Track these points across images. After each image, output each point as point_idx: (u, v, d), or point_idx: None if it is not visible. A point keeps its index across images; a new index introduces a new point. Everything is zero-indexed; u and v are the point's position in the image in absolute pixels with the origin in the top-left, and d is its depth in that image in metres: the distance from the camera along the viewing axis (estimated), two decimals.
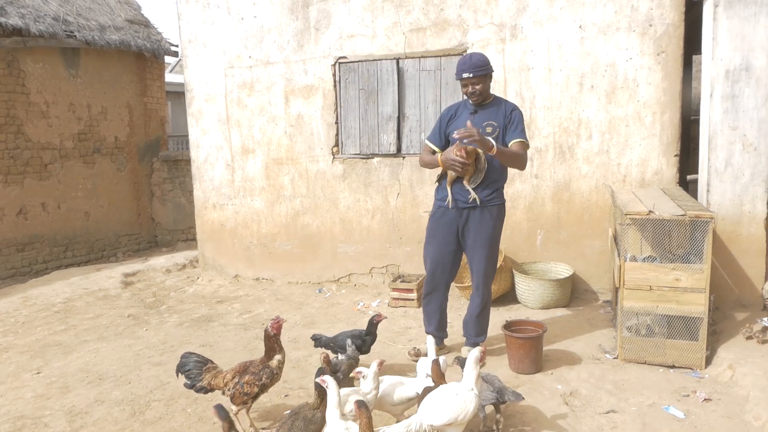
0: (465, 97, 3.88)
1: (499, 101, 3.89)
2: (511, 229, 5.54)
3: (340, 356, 3.58)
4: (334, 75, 5.93)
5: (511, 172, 5.40)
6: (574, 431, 3.06)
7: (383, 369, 2.98)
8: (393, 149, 5.87)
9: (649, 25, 4.92)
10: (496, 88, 5.40)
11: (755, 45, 4.47)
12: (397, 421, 2.85)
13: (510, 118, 3.77)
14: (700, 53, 4.90)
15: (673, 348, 3.77)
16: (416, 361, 3.90)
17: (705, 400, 3.33)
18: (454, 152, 3.62)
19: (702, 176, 4.83)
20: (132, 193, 9.28)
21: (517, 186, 5.47)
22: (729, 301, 4.68)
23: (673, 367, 3.77)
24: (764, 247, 4.63)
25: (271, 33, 6.08)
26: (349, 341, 3.65)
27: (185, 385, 3.09)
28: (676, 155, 5.02)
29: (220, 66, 6.33)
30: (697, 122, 5.23)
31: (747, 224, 4.64)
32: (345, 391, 2.92)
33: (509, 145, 3.74)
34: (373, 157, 5.90)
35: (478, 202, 3.76)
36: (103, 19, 8.62)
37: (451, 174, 3.77)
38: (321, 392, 2.67)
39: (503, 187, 3.93)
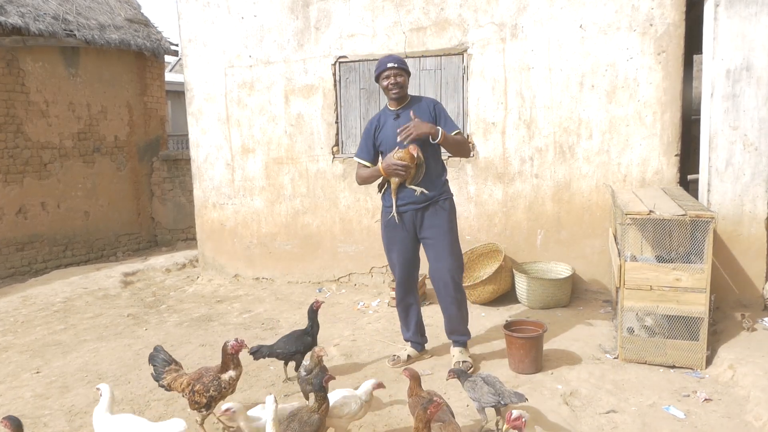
0: (386, 103, 3.88)
1: (417, 99, 3.85)
2: (511, 229, 5.53)
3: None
4: (335, 74, 5.92)
5: (510, 171, 5.44)
6: (574, 431, 3.06)
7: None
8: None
9: (649, 24, 4.91)
10: (496, 88, 5.40)
11: (756, 44, 4.46)
12: None
13: (436, 113, 3.75)
14: (701, 53, 4.89)
15: (674, 348, 3.76)
16: (399, 367, 3.81)
17: (705, 400, 3.32)
18: (394, 157, 3.58)
19: (702, 176, 4.83)
20: (132, 192, 9.28)
21: (517, 186, 5.47)
22: (729, 301, 4.67)
23: (673, 367, 3.76)
24: (765, 247, 4.63)
25: (272, 32, 6.07)
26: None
27: (152, 375, 3.20)
28: (676, 155, 5.01)
29: (220, 65, 6.32)
30: (697, 122, 5.22)
31: (748, 224, 4.64)
32: (339, 392, 2.91)
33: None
34: None
35: (427, 192, 3.68)
36: (102, 18, 8.61)
37: (394, 181, 3.69)
38: (320, 397, 2.67)
39: (447, 182, 3.87)
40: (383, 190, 3.86)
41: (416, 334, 4.05)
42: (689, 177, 6.77)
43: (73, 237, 8.34)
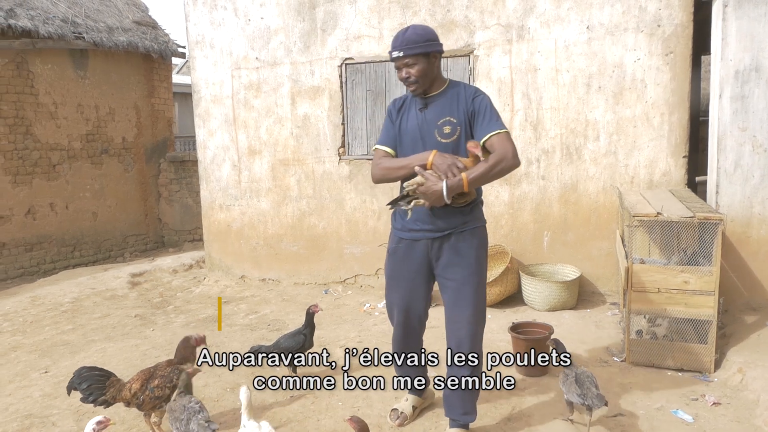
0: None
1: (454, 87, 2.85)
2: (518, 231, 5.52)
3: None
4: (341, 76, 5.93)
5: (516, 172, 5.41)
6: None
7: None
8: None
9: (657, 25, 4.89)
10: (503, 90, 5.39)
11: (765, 45, 4.43)
12: None
13: (473, 108, 2.75)
14: (709, 54, 4.86)
15: (682, 351, 3.74)
16: (401, 425, 3.11)
17: (714, 403, 3.30)
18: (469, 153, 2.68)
19: (711, 178, 4.80)
20: (139, 193, 9.33)
21: (523, 187, 5.45)
22: (738, 303, 4.63)
23: (681, 370, 3.74)
24: None
25: (278, 34, 6.09)
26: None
27: (82, 400, 3.03)
28: (684, 156, 4.98)
29: (227, 67, 6.34)
30: (705, 123, 5.19)
31: (757, 226, 4.60)
32: None
33: (483, 142, 2.69)
34: None
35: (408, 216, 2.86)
36: (111, 21, 8.67)
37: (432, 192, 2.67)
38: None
39: (481, 205, 2.93)
40: (395, 204, 2.89)
41: (419, 384, 3.25)
42: (697, 179, 6.72)
43: (82, 238, 8.40)
